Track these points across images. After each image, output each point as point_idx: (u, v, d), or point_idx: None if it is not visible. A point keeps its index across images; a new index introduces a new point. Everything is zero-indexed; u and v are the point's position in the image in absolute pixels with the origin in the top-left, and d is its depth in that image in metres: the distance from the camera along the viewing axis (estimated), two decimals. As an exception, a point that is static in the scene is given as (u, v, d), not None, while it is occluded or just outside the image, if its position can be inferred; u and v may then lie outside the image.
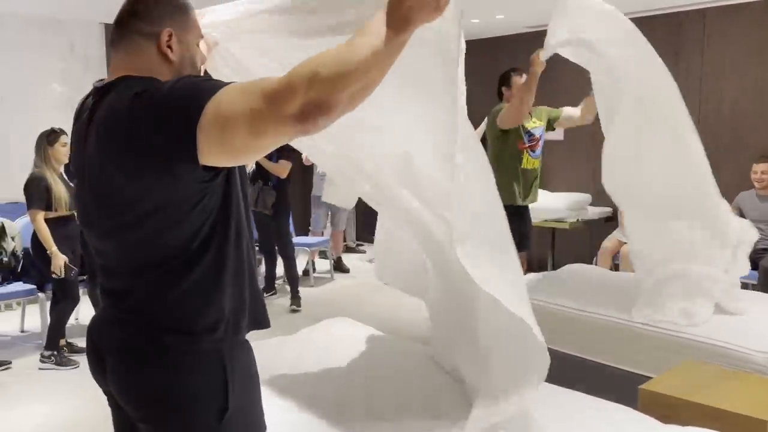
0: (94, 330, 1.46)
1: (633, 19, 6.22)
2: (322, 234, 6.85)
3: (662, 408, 2.06)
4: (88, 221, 1.42)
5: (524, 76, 4.09)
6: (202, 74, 1.49)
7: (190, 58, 1.40)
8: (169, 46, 1.34)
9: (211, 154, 1.18)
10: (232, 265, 1.36)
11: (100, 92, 1.34)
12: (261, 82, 1.15)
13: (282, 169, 5.51)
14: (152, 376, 1.33)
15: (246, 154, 1.23)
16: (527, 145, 4.21)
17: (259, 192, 5.53)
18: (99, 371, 1.43)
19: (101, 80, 1.39)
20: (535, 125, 4.27)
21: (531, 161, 4.26)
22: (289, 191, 5.78)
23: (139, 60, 1.34)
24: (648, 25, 6.06)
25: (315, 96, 1.10)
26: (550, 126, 4.38)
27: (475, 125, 7.12)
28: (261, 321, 1.48)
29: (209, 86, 1.18)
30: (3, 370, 4.11)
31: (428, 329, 2.76)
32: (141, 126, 1.20)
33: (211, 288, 1.33)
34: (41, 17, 6.12)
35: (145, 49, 1.34)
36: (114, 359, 1.37)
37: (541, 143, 4.30)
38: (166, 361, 1.32)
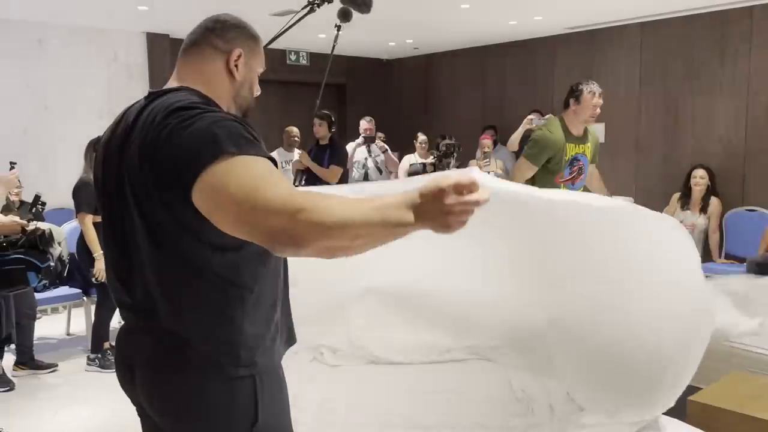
0: (121, 341, 1.46)
1: (677, 18, 6.13)
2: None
3: (712, 420, 2.00)
4: (110, 227, 1.42)
5: (597, 94, 3.75)
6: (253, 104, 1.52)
7: (250, 82, 1.47)
8: (236, 65, 1.43)
9: (200, 203, 1.20)
10: (269, 287, 1.37)
11: (153, 96, 1.38)
12: (267, 187, 1.15)
13: (333, 174, 5.58)
14: (182, 390, 1.33)
15: (222, 227, 1.21)
16: (567, 179, 3.84)
17: None
18: (128, 382, 1.44)
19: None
20: (582, 152, 3.88)
21: None
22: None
23: (205, 68, 1.42)
24: (692, 23, 5.92)
25: (292, 228, 1.11)
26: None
27: (513, 128, 7.04)
28: (291, 338, 1.49)
29: (242, 145, 1.20)
30: (50, 372, 4.21)
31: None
32: (163, 143, 1.24)
33: (245, 310, 1.33)
34: (86, 28, 6.29)
35: (214, 61, 1.43)
36: (142, 371, 1.38)
37: (583, 176, 3.93)
38: (196, 377, 1.32)
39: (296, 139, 6.53)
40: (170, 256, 1.30)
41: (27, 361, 4.19)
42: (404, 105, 8.81)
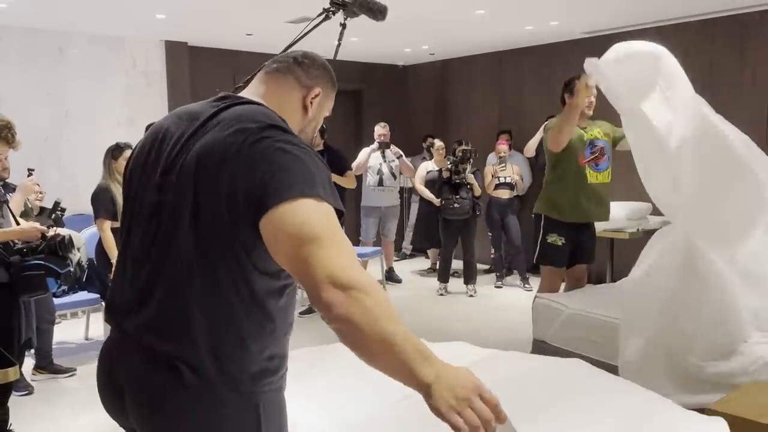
0: (107, 360, 1.40)
1: (695, 22, 6.06)
2: (372, 244, 6.88)
3: (731, 429, 1.96)
4: (138, 224, 1.38)
5: (588, 84, 3.96)
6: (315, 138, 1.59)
7: (317, 122, 1.53)
8: (311, 102, 1.48)
9: (268, 227, 1.20)
10: (283, 321, 1.36)
11: (231, 100, 1.40)
12: (342, 247, 1.19)
13: (350, 180, 5.66)
14: (180, 418, 1.28)
15: (276, 257, 1.23)
16: (589, 159, 4.03)
17: None
18: (116, 405, 1.38)
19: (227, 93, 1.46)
20: (597, 136, 4.10)
21: (595, 175, 4.08)
22: (346, 200, 5.87)
23: (281, 94, 1.46)
24: (711, 27, 5.87)
25: (345, 299, 1.12)
26: (614, 144, 4.20)
27: (530, 134, 7.02)
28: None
29: (329, 192, 1.24)
30: (69, 376, 4.25)
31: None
32: (257, 154, 1.24)
33: (260, 336, 1.30)
34: (106, 36, 6.38)
35: (293, 91, 1.47)
36: (135, 393, 1.32)
37: (606, 157, 4.11)
38: (196, 400, 1.27)
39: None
40: (208, 262, 1.26)
41: (46, 365, 4.24)
42: (420, 111, 8.81)
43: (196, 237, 1.26)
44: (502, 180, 6.72)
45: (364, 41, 6.96)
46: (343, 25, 2.85)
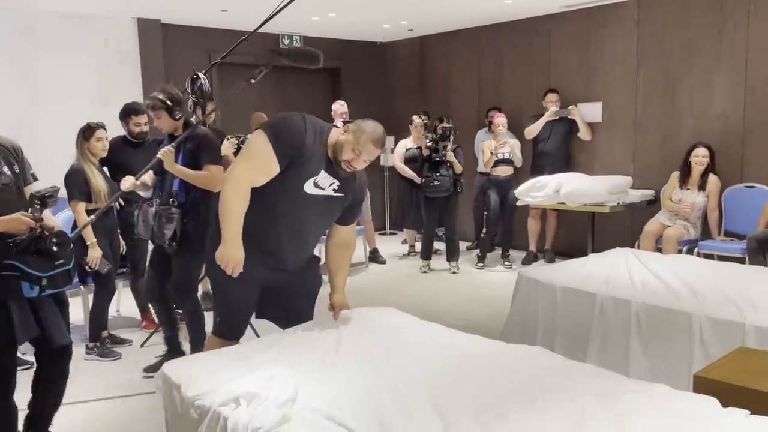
0: None
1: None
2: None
3: (718, 395, 1.97)
4: None
5: None
6: None
7: None
8: None
9: None
10: None
11: None
12: None
13: None
14: None
15: None
16: None
17: None
18: None
19: None
20: None
21: None
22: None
23: None
24: (689, 1, 5.86)
25: None
26: None
27: (513, 109, 6.96)
28: None
29: None
30: (23, 370, 4.09)
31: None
32: None
33: None
34: (76, 14, 6.20)
35: None
36: None
37: None
38: None
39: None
40: None
41: None
42: (400, 88, 8.74)
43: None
44: (501, 156, 6.51)
45: (342, 18, 6.85)
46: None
